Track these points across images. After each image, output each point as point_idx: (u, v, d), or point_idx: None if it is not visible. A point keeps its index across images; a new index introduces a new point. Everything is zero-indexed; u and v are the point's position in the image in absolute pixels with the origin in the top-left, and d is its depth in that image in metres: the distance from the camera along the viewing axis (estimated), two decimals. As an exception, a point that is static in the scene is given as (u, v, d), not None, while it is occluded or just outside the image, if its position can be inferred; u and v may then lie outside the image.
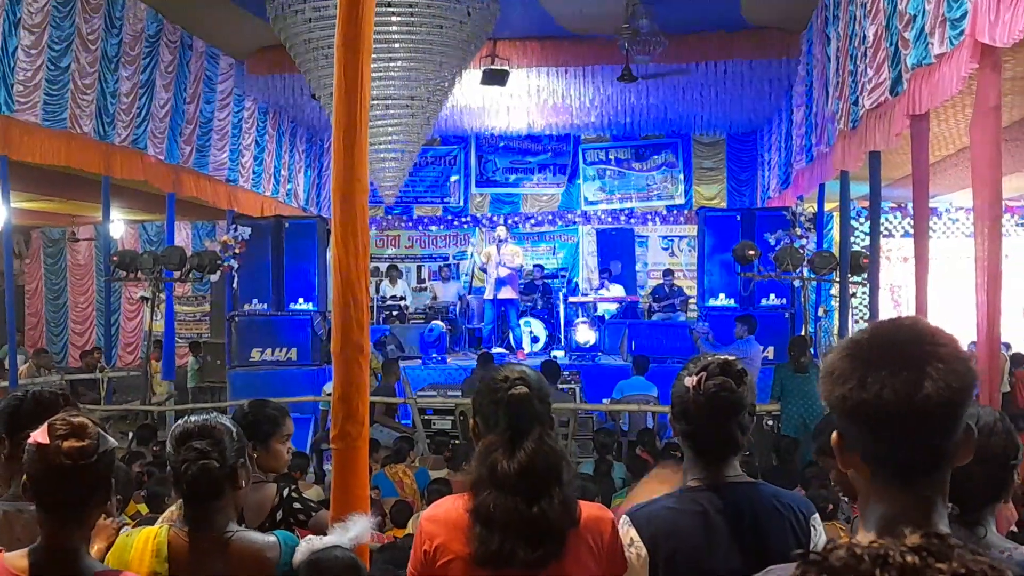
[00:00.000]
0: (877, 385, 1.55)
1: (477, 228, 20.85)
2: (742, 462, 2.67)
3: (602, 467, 9.06)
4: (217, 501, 2.73)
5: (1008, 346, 13.92)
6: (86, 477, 2.33)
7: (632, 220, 20.75)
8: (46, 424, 2.34)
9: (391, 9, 10.46)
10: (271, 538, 2.85)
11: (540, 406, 2.66)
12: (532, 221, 21.00)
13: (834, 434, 1.66)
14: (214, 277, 13.87)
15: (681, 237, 20.46)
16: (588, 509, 2.65)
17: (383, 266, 18.26)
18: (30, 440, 2.36)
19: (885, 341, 1.62)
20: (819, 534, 2.56)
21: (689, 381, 2.54)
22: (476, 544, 2.52)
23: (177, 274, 13.44)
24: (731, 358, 2.63)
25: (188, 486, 2.69)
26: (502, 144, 21.02)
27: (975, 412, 2.52)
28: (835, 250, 12.99)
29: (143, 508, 6.50)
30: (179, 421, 2.82)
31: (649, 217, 20.81)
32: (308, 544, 2.82)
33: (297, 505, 3.22)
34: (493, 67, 14.69)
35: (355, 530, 2.88)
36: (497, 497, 2.53)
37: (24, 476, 2.42)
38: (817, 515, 2.61)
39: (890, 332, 1.63)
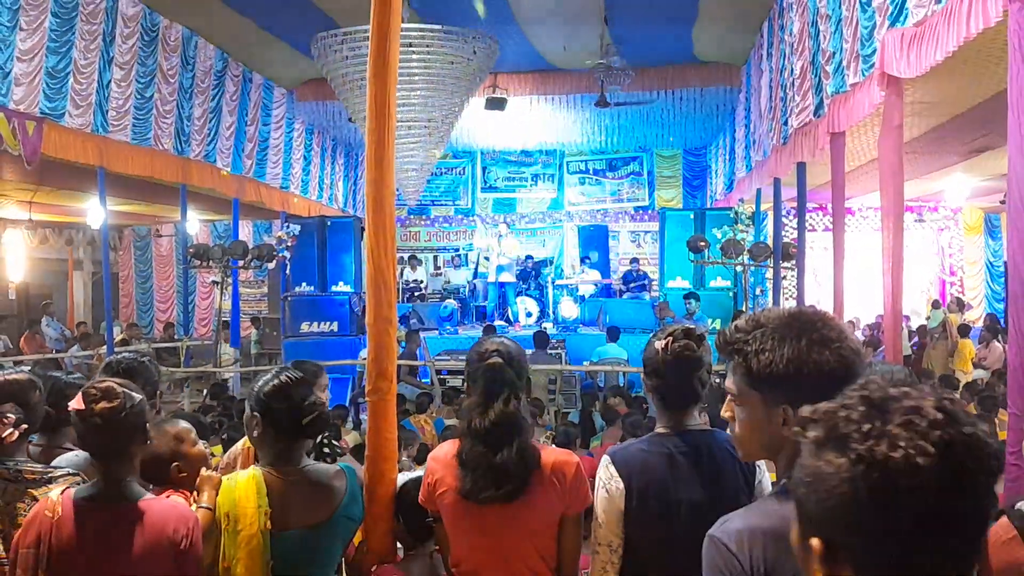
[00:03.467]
0: (822, 356, 1.59)
1: (482, 225, 20.83)
2: (703, 411, 2.68)
3: (584, 416, 9.13)
4: (301, 441, 2.74)
5: (908, 318, 13.97)
6: (123, 427, 2.36)
7: (606, 218, 20.75)
8: (80, 393, 2.36)
9: (412, 48, 10.44)
10: (337, 467, 2.85)
11: (512, 374, 2.67)
12: (526, 219, 20.96)
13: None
14: (271, 265, 13.86)
15: (646, 232, 20.45)
16: (555, 454, 2.69)
17: (406, 256, 18.23)
18: (70, 407, 2.38)
19: (812, 322, 1.65)
20: (762, 472, 2.56)
21: (659, 344, 2.56)
22: (458, 481, 2.60)
23: (241, 263, 13.42)
24: (692, 325, 2.65)
25: (305, 430, 2.69)
26: (502, 157, 20.98)
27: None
28: (769, 242, 12.99)
29: (218, 450, 6.50)
30: (271, 377, 2.73)
31: (620, 216, 20.80)
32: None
33: (326, 449, 3.23)
34: (494, 95, 14.67)
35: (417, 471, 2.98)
36: (471, 446, 2.61)
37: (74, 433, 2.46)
38: (762, 457, 2.62)
39: (813, 316, 1.68)
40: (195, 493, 2.68)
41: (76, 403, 2.35)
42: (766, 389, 1.67)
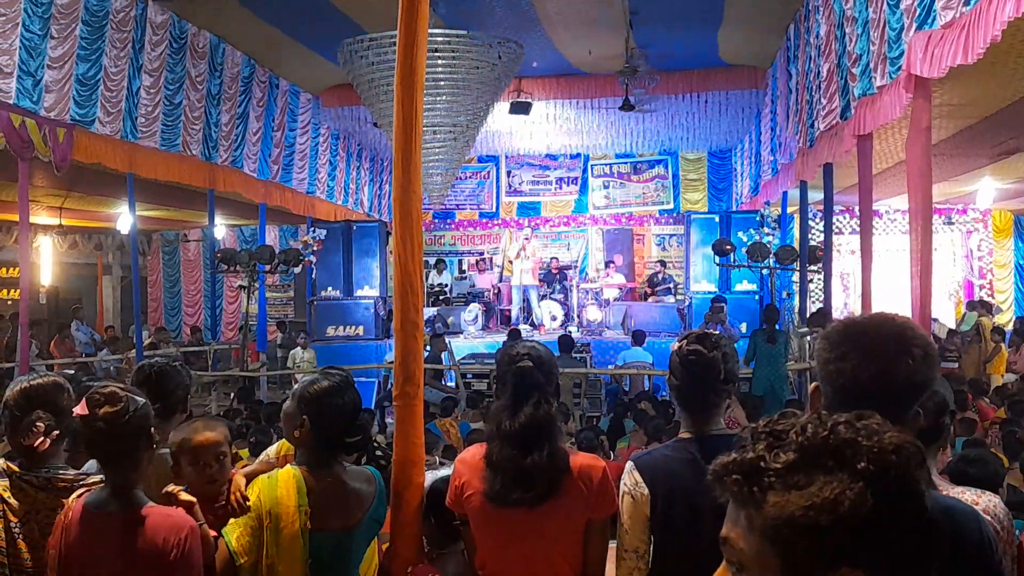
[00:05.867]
0: (856, 364, 1.59)
1: (506, 229, 20.84)
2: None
3: (615, 422, 9.15)
4: (340, 451, 2.79)
5: (936, 321, 13.82)
6: (126, 432, 2.37)
7: (631, 222, 20.70)
8: (84, 398, 2.38)
9: (438, 54, 10.47)
10: (368, 471, 2.88)
11: (542, 377, 2.65)
12: (551, 223, 20.96)
13: (813, 385, 1.69)
14: (297, 269, 13.96)
15: (671, 235, 20.39)
16: (582, 459, 2.68)
17: (432, 260, 18.29)
18: (74, 412, 2.40)
19: (878, 332, 1.65)
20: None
21: (674, 346, 2.59)
22: (485, 484, 2.59)
23: (268, 267, 13.52)
24: (709, 330, 2.65)
25: (347, 447, 2.78)
26: (526, 161, 20.99)
27: None
28: (796, 245, 12.92)
29: (244, 453, 6.53)
30: (320, 382, 2.77)
31: (645, 219, 20.74)
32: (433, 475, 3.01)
33: (379, 453, 3.25)
34: (519, 99, 14.68)
35: (445, 470, 3.01)
36: (501, 448, 2.59)
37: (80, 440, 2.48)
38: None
39: (881, 325, 1.67)
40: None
41: (80, 408, 2.38)
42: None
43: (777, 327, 10.59)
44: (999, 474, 3.98)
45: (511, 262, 16.08)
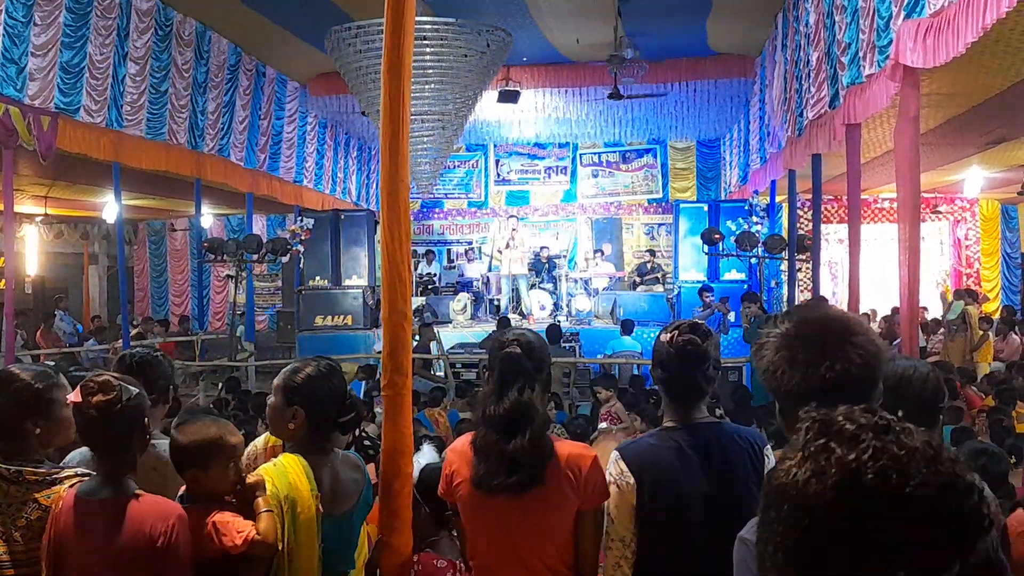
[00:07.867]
0: (817, 377, 1.58)
1: (495, 218, 20.81)
2: (711, 405, 2.68)
3: (596, 408, 9.12)
4: (334, 434, 2.81)
5: (924, 309, 13.89)
6: (119, 420, 2.39)
7: (620, 211, 20.70)
8: (79, 386, 2.39)
9: (426, 41, 10.43)
10: (353, 456, 2.92)
11: (529, 364, 2.65)
12: (539, 212, 20.93)
13: (779, 418, 1.70)
14: (285, 259, 13.91)
15: (660, 224, 20.40)
16: (571, 447, 2.67)
17: (420, 249, 18.24)
18: (68, 400, 2.41)
19: (815, 338, 1.64)
20: (772, 461, 2.54)
21: (664, 337, 2.56)
22: (471, 470, 2.60)
23: (255, 257, 13.46)
24: (699, 320, 2.65)
25: (341, 427, 2.81)
26: (515, 150, 20.95)
27: (912, 364, 2.52)
28: (784, 234, 12.96)
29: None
30: (305, 366, 2.77)
31: (634, 208, 20.74)
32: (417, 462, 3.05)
33: (367, 443, 3.25)
34: (507, 88, 14.64)
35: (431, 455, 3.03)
36: (485, 434, 2.60)
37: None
38: (769, 446, 2.61)
39: (816, 328, 1.66)
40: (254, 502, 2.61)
41: (74, 396, 2.39)
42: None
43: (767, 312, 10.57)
44: (1003, 472, 4.01)
45: (500, 251, 16.05)
